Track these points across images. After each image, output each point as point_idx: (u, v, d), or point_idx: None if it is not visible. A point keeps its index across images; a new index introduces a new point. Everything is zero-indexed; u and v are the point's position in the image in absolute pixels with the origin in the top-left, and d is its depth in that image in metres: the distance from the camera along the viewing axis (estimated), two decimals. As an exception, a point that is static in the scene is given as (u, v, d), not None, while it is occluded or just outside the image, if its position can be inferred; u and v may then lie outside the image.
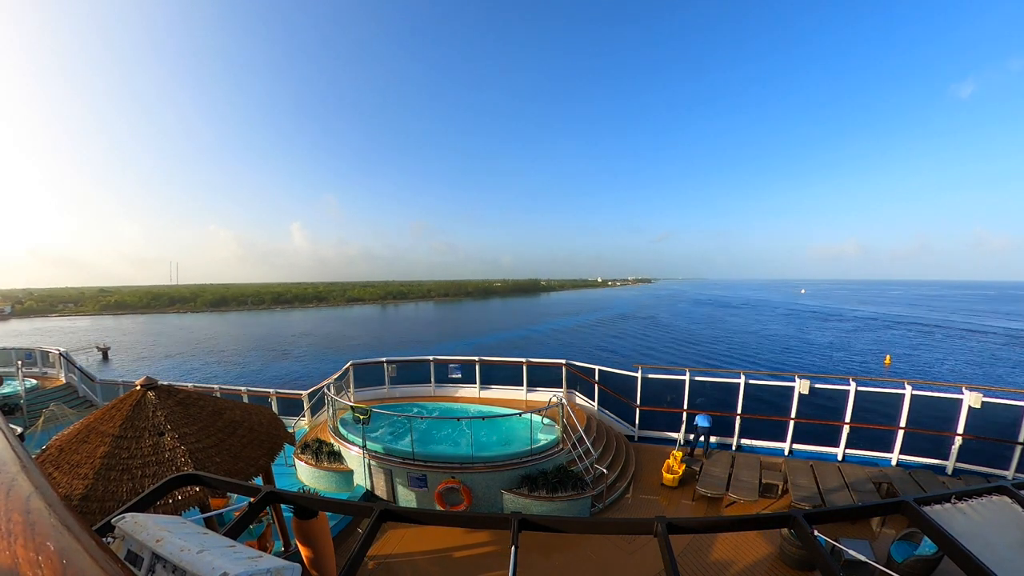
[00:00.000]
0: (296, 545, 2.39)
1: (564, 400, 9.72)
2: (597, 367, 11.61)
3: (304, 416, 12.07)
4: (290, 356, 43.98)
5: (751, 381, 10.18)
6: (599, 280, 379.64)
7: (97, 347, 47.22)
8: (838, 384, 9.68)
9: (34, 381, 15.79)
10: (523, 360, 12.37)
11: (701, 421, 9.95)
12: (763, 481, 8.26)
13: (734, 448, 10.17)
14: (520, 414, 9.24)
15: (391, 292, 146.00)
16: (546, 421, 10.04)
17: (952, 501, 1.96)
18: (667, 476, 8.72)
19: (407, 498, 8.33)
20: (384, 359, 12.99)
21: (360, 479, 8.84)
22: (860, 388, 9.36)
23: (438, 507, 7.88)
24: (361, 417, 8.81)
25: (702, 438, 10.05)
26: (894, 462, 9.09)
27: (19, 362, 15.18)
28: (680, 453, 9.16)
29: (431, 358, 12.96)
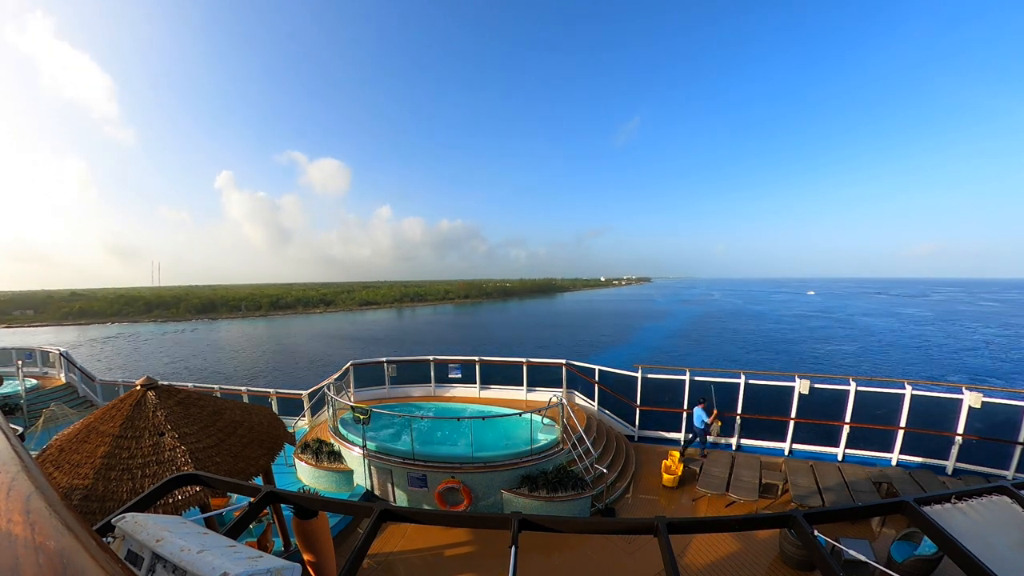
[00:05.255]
0: (296, 545, 2.39)
1: (564, 400, 9.72)
2: (597, 367, 11.61)
3: (304, 416, 12.07)
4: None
5: (751, 381, 10.17)
6: (602, 279, 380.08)
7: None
8: (838, 384, 9.67)
9: (34, 381, 15.79)
10: (523, 360, 12.36)
11: (698, 418, 9.75)
12: (763, 481, 8.25)
13: (734, 448, 10.17)
14: (520, 414, 9.23)
15: (407, 294, 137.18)
16: (546, 421, 10.03)
17: (952, 501, 1.96)
18: (667, 476, 8.72)
19: (407, 498, 8.33)
20: (384, 359, 12.98)
21: (360, 479, 8.84)
22: (860, 388, 9.35)
23: (438, 507, 7.89)
24: (361, 417, 8.82)
25: (697, 439, 9.95)
26: (894, 462, 9.09)
27: (19, 362, 15.18)
28: (676, 453, 9.17)
29: (431, 358, 12.95)
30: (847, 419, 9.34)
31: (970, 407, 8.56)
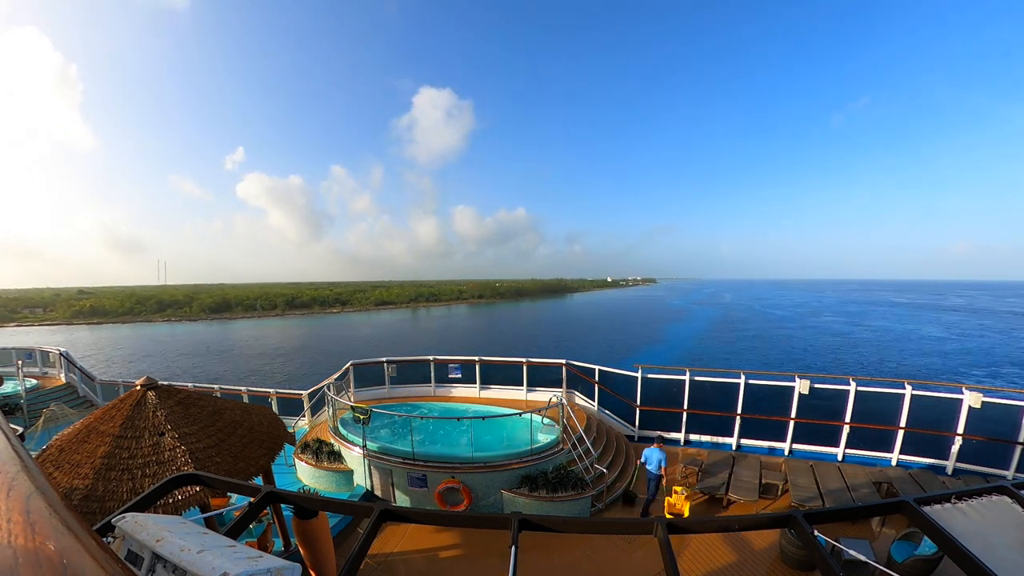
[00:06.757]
0: (296, 545, 2.39)
1: (564, 400, 9.72)
2: (597, 367, 11.60)
3: (304, 416, 12.06)
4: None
5: (751, 381, 10.16)
6: (609, 280, 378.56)
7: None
8: (838, 384, 9.67)
9: (34, 381, 15.78)
10: (523, 360, 12.36)
11: (652, 461, 7.62)
12: (763, 481, 8.25)
13: (734, 448, 10.17)
14: (520, 414, 9.23)
15: (422, 294, 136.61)
16: (546, 421, 10.03)
17: (952, 501, 1.96)
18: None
19: (407, 498, 8.33)
20: (384, 359, 12.98)
21: (360, 479, 8.84)
22: (860, 388, 9.35)
23: (438, 507, 7.89)
24: (361, 417, 8.82)
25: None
26: (894, 462, 9.08)
27: (19, 362, 15.17)
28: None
29: (431, 358, 12.95)
30: (847, 419, 9.34)
31: (970, 407, 8.56)
